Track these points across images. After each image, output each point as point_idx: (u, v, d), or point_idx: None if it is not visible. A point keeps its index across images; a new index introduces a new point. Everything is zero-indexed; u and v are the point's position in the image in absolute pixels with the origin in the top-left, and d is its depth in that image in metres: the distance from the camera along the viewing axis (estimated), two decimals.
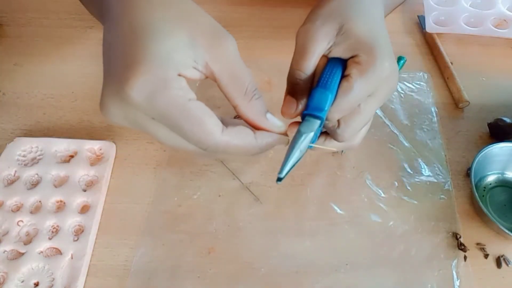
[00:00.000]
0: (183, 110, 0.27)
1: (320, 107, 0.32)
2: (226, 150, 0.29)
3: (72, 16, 0.65)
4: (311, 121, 0.32)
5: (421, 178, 0.49)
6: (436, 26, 0.63)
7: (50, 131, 0.52)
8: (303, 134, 0.31)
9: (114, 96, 0.27)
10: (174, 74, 0.27)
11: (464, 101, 0.54)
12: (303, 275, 0.42)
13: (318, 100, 0.32)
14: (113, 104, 0.27)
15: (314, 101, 0.32)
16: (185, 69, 0.28)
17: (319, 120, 0.32)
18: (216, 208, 0.46)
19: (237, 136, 0.29)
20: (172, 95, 0.26)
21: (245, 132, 0.30)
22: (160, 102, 0.26)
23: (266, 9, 0.67)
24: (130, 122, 0.28)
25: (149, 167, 0.49)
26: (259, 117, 0.31)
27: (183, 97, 0.27)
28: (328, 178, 0.49)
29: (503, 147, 0.47)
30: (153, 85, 0.26)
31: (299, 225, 0.45)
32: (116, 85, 0.26)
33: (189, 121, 0.27)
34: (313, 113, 0.32)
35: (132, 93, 0.26)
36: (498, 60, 0.61)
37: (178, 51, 0.27)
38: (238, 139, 0.29)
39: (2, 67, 0.59)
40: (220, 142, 0.28)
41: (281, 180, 0.31)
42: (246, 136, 0.30)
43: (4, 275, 0.41)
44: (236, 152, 0.30)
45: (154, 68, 0.26)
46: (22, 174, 0.47)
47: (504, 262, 0.43)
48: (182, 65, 0.27)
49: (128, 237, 0.44)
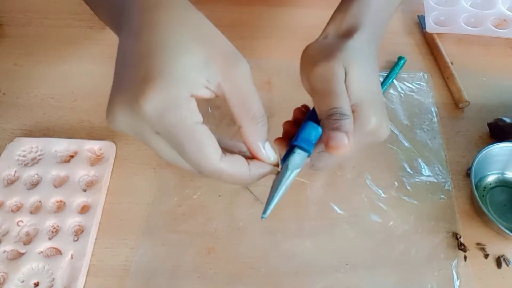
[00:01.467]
0: (188, 132, 0.28)
1: (309, 140, 0.33)
2: (220, 177, 0.30)
3: (72, 16, 0.65)
4: (300, 155, 0.33)
5: (421, 178, 0.49)
6: (436, 26, 0.63)
7: (50, 131, 0.52)
8: (290, 170, 0.32)
9: (124, 105, 0.27)
10: (187, 95, 0.28)
11: (464, 101, 0.54)
12: (303, 275, 0.42)
13: (309, 133, 0.33)
14: (122, 112, 0.28)
15: (305, 133, 0.33)
16: (198, 89, 0.28)
17: (307, 153, 0.33)
18: (216, 208, 0.46)
19: (233, 165, 0.30)
20: (181, 115, 0.27)
21: (240, 163, 0.31)
22: (169, 119, 0.27)
23: (266, 9, 0.67)
24: (134, 132, 0.29)
25: (149, 167, 0.49)
26: (257, 145, 0.31)
27: (190, 119, 0.28)
28: (328, 178, 0.49)
29: (503, 147, 0.47)
30: (166, 102, 0.27)
31: (299, 225, 0.45)
32: (129, 95, 0.27)
33: (192, 143, 0.28)
34: (303, 146, 0.33)
35: (145, 106, 0.26)
36: (498, 60, 0.61)
37: (193, 70, 0.28)
38: (233, 168, 0.30)
39: (2, 67, 0.59)
40: (217, 169, 0.29)
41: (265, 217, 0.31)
42: (241, 166, 0.31)
43: (4, 275, 0.41)
44: (229, 180, 0.30)
45: (169, 86, 0.27)
46: (22, 174, 0.47)
47: (504, 262, 0.43)
48: (195, 85, 0.28)
49: (128, 237, 0.44)
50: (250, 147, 0.32)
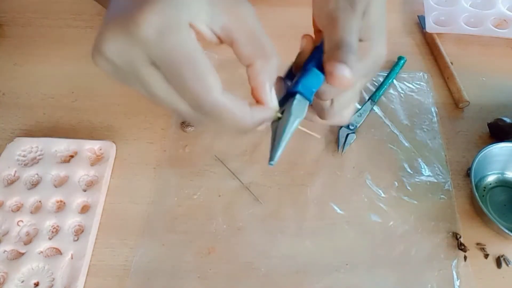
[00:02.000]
0: (190, 58, 0.26)
1: (311, 88, 0.31)
2: (221, 114, 0.28)
3: (72, 16, 0.65)
4: (301, 102, 0.31)
5: (421, 178, 0.49)
6: (436, 26, 0.63)
7: (50, 131, 0.52)
8: (293, 116, 0.30)
9: (118, 29, 0.25)
10: (187, 21, 0.26)
11: (464, 101, 0.54)
12: (303, 275, 0.42)
13: (311, 81, 0.32)
14: (114, 38, 0.26)
15: (308, 81, 0.32)
16: (199, 21, 0.27)
17: (308, 102, 0.31)
18: (216, 208, 0.46)
19: (234, 102, 0.28)
20: (182, 39, 0.25)
21: (241, 102, 0.29)
22: (169, 42, 0.25)
23: (266, 9, 0.67)
24: (126, 61, 0.27)
25: (149, 167, 0.49)
26: (265, 85, 0.29)
27: (192, 45, 0.26)
28: (328, 178, 0.49)
29: (503, 147, 0.47)
30: (165, 24, 0.25)
31: (299, 225, 0.45)
32: (124, 17, 0.25)
33: (193, 71, 0.26)
34: (305, 94, 0.31)
35: (144, 25, 0.25)
36: (498, 60, 0.61)
37: (195, 1, 0.26)
38: (235, 105, 0.28)
39: (2, 67, 0.59)
40: (218, 102, 0.27)
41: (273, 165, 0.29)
42: (243, 105, 0.29)
43: (4, 275, 0.41)
44: (230, 119, 0.28)
45: (169, 8, 0.25)
46: (22, 174, 0.47)
47: (504, 262, 0.43)
48: (196, 16, 0.26)
49: (128, 237, 0.44)
50: (257, 86, 0.29)
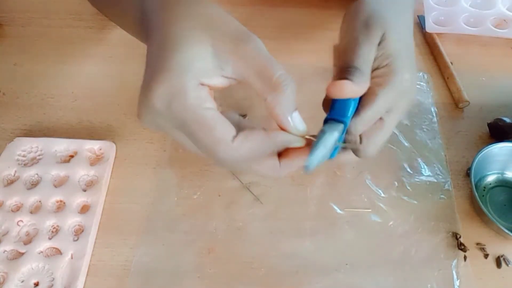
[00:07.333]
0: (197, 118, 0.28)
1: (343, 112, 0.32)
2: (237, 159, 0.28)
3: (72, 16, 0.65)
4: (334, 123, 0.32)
5: (421, 178, 0.49)
6: (436, 26, 0.63)
7: (50, 131, 0.52)
8: (326, 132, 0.30)
9: (142, 103, 0.29)
10: (194, 83, 0.28)
11: (464, 101, 0.54)
12: (303, 275, 0.42)
13: (341, 106, 0.32)
14: (143, 110, 0.29)
15: (338, 106, 0.33)
16: (209, 78, 0.28)
17: (342, 123, 0.32)
18: (216, 208, 0.46)
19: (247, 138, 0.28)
20: (187, 103, 0.27)
21: (256, 132, 0.29)
22: (176, 109, 0.28)
23: (266, 9, 0.67)
24: (158, 127, 0.30)
25: (149, 167, 0.49)
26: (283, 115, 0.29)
27: (198, 106, 0.28)
28: (328, 178, 0.49)
29: (503, 147, 0.47)
30: (171, 93, 0.27)
31: (299, 225, 0.45)
32: (143, 94, 0.28)
33: (201, 128, 0.28)
34: (336, 117, 0.32)
35: (153, 100, 0.27)
36: (498, 60, 0.61)
37: (200, 61, 0.28)
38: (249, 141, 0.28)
39: (2, 67, 0.59)
40: (230, 150, 0.28)
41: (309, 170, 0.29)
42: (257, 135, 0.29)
43: (4, 275, 0.41)
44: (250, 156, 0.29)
45: (173, 77, 0.27)
46: (22, 174, 0.47)
47: (504, 262, 0.43)
48: (204, 74, 0.28)
49: (128, 237, 0.44)
50: (275, 119, 0.29)
